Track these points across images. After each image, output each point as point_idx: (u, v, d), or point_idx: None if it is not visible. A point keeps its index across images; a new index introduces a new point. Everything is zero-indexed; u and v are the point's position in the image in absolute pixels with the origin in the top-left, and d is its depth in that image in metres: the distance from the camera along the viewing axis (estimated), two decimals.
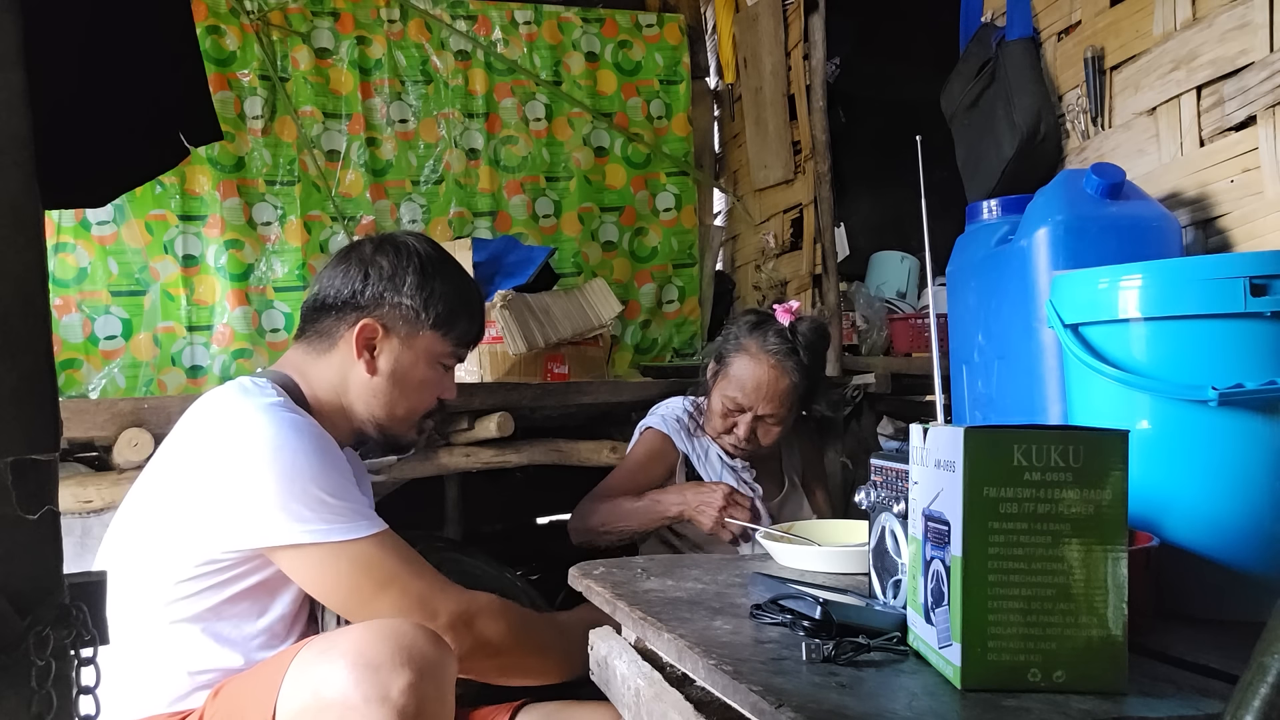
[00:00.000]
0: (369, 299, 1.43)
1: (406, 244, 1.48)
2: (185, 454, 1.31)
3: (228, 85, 2.85)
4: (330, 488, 1.26)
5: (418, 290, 1.44)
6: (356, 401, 1.45)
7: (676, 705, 1.03)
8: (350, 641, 1.10)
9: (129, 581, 1.29)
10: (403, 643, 1.09)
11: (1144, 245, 1.59)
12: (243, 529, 1.23)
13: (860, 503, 1.20)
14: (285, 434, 1.27)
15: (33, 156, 0.57)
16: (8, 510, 0.57)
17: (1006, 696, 0.80)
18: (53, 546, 0.61)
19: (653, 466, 2.11)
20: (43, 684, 0.59)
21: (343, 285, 1.44)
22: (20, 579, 0.59)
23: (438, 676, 1.10)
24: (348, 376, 1.44)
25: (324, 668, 1.09)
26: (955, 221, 2.02)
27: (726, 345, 2.08)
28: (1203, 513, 1.11)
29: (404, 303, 1.43)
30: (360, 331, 1.42)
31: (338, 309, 1.44)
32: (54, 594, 0.61)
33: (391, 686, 1.05)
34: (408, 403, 1.48)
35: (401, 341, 1.44)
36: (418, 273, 1.44)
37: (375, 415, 1.46)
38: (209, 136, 1.69)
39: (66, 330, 2.65)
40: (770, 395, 1.99)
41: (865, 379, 2.54)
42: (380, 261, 1.45)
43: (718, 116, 3.61)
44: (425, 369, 1.47)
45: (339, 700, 1.06)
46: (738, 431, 2.03)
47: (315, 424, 1.33)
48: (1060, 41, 2.10)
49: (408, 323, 1.44)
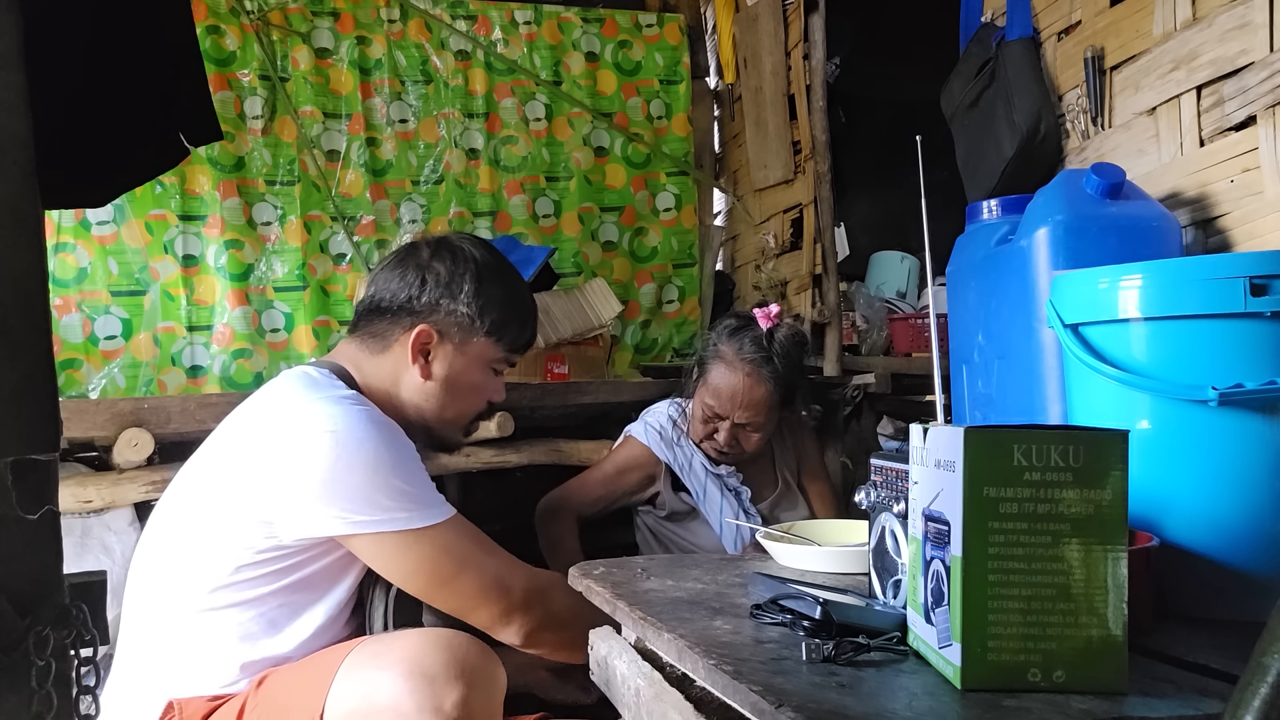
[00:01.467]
0: (425, 305, 1.45)
1: (463, 249, 1.50)
2: (252, 442, 1.33)
3: (228, 85, 2.85)
4: (408, 477, 1.30)
5: (474, 298, 1.46)
6: (408, 403, 1.47)
7: (676, 705, 1.03)
8: (405, 649, 1.12)
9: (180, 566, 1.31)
10: (457, 655, 1.11)
11: (1144, 245, 1.60)
12: (322, 518, 1.26)
13: (860, 503, 1.20)
14: (364, 427, 1.29)
15: (33, 156, 0.57)
16: (8, 510, 0.57)
17: (1006, 696, 0.80)
18: (53, 546, 0.61)
19: (628, 474, 2.12)
20: (43, 684, 0.59)
21: (399, 289, 1.46)
22: (20, 579, 0.59)
23: (489, 689, 1.13)
24: (400, 378, 1.47)
25: (378, 673, 1.11)
26: (955, 221, 2.02)
27: (706, 351, 2.09)
28: (1203, 513, 1.11)
29: (460, 309, 1.45)
30: (416, 337, 1.45)
31: (393, 312, 1.46)
32: (54, 594, 0.61)
33: (445, 699, 1.07)
34: (458, 406, 1.51)
35: (456, 347, 1.47)
36: (474, 280, 1.46)
37: (425, 417, 1.48)
38: (209, 136, 1.69)
39: (66, 330, 2.65)
40: (746, 404, 1.99)
41: (865, 379, 2.54)
42: (437, 267, 1.47)
43: (718, 116, 3.61)
44: (478, 374, 1.50)
45: (391, 707, 1.08)
46: (718, 438, 2.04)
47: (385, 415, 1.36)
48: (1060, 41, 2.10)
49: (462, 329, 1.46)
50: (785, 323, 2.08)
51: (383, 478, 1.27)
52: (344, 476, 1.26)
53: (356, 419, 1.30)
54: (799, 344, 2.07)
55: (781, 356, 2.01)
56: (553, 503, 2.09)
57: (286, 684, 1.21)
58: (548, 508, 2.08)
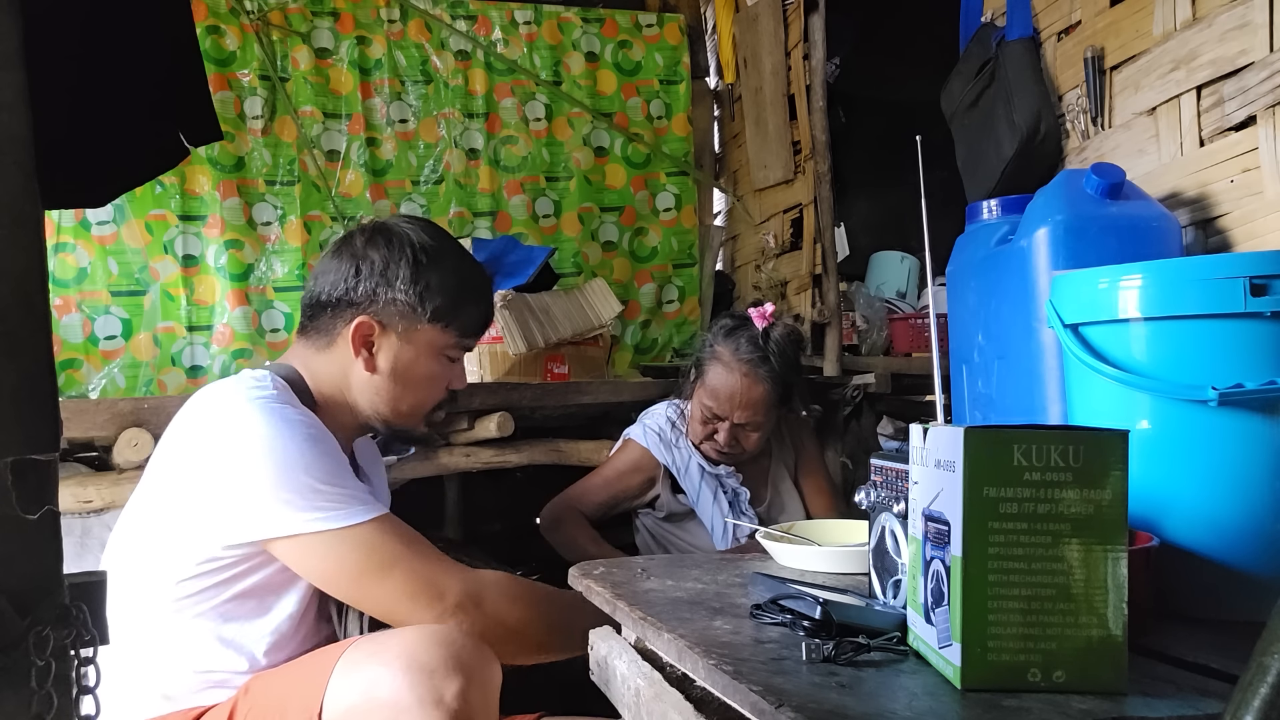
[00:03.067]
0: (363, 295, 1.38)
1: (399, 233, 1.42)
2: (181, 450, 1.30)
3: (228, 85, 2.85)
4: (324, 475, 1.25)
5: (412, 284, 1.38)
6: (360, 398, 1.42)
7: (676, 705, 1.03)
8: (402, 645, 1.11)
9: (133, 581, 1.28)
10: (453, 649, 1.10)
11: (1144, 245, 1.60)
12: (240, 523, 1.23)
13: (860, 503, 1.20)
14: (276, 426, 1.25)
15: (33, 156, 0.57)
16: (8, 510, 0.57)
17: (1006, 696, 0.80)
18: (53, 546, 0.61)
19: (629, 477, 2.12)
20: (42, 684, 0.59)
21: (336, 280, 1.40)
22: (20, 579, 0.59)
23: (486, 683, 1.12)
24: (349, 373, 1.41)
25: (375, 669, 1.10)
26: (955, 221, 2.02)
27: (703, 352, 2.09)
28: (1203, 513, 1.11)
29: (398, 298, 1.38)
30: (356, 330, 1.38)
31: (333, 306, 1.40)
32: (54, 594, 0.61)
33: (445, 690, 1.07)
34: (412, 398, 1.44)
35: (400, 337, 1.39)
36: (411, 265, 1.38)
37: (380, 411, 1.43)
38: (209, 136, 1.69)
39: (66, 330, 2.65)
40: (744, 404, 1.99)
41: (865, 379, 2.54)
42: (372, 255, 1.39)
43: (718, 116, 3.61)
44: (428, 363, 1.42)
45: (391, 701, 1.07)
46: (718, 439, 2.04)
47: (308, 415, 1.32)
48: (1060, 41, 2.10)
49: (404, 318, 1.39)
50: (780, 321, 2.08)
51: (293, 476, 1.22)
52: (255, 478, 1.22)
53: (268, 418, 1.25)
54: (795, 342, 2.07)
55: (778, 355, 2.01)
56: (557, 510, 2.08)
57: (279, 685, 1.19)
58: (553, 516, 2.07)
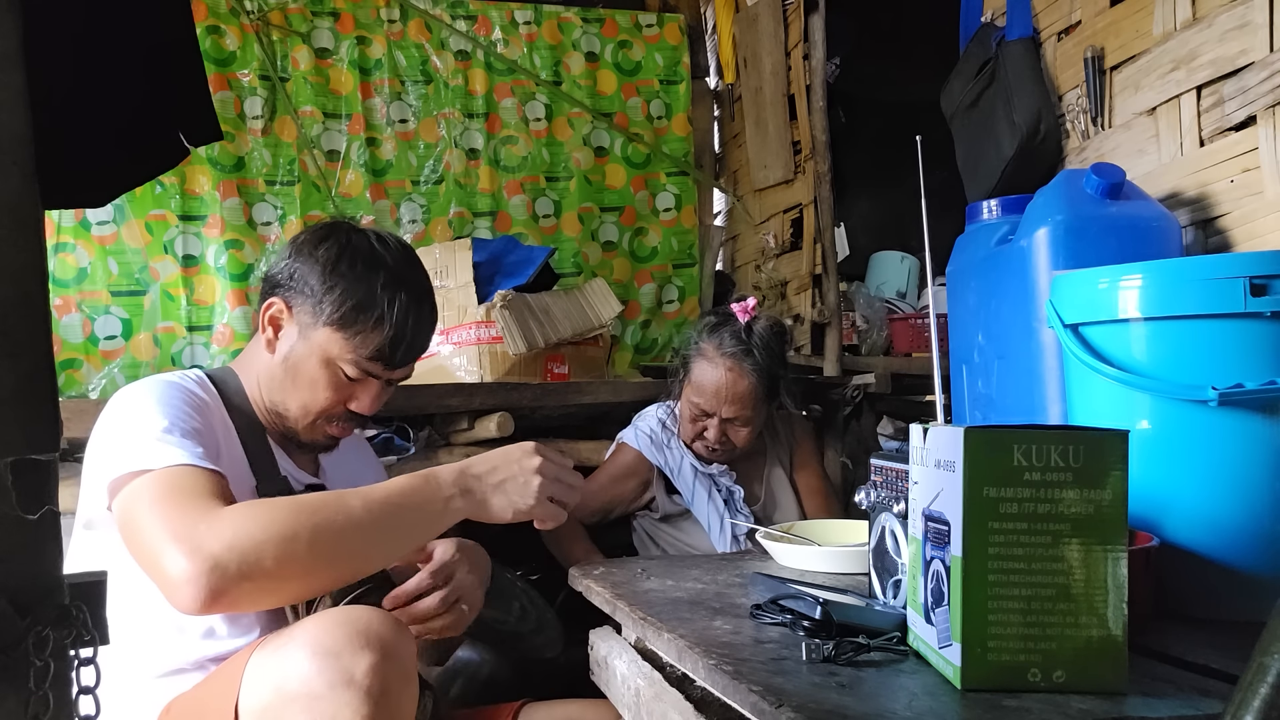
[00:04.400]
0: (283, 276, 1.36)
1: (351, 237, 1.38)
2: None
3: (228, 85, 2.85)
4: (146, 424, 1.18)
5: (323, 278, 1.33)
6: (261, 382, 1.38)
7: (676, 705, 1.03)
8: (306, 632, 1.06)
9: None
10: (359, 626, 1.05)
11: (1144, 245, 1.60)
12: (96, 485, 1.20)
13: (860, 503, 1.20)
14: (124, 391, 1.25)
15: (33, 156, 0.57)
16: (8, 510, 0.57)
17: (1006, 696, 0.80)
18: (53, 546, 0.61)
19: (624, 481, 2.12)
20: (41, 684, 0.59)
21: (274, 263, 1.40)
22: (20, 579, 0.58)
23: (399, 656, 1.06)
24: (260, 355, 1.38)
25: (283, 662, 1.06)
26: (955, 221, 2.02)
27: (689, 349, 2.09)
28: (1203, 513, 1.11)
29: (307, 288, 1.34)
30: (267, 306, 1.36)
31: (264, 288, 1.40)
32: (54, 594, 0.61)
33: (355, 669, 1.02)
34: (299, 397, 1.36)
35: (300, 330, 1.35)
36: (332, 261, 1.34)
37: (270, 400, 1.37)
38: (209, 136, 1.69)
39: (66, 330, 2.65)
40: (731, 398, 1.99)
41: (865, 379, 2.54)
42: (305, 243, 1.38)
43: (718, 116, 3.61)
44: (317, 367, 1.35)
45: (303, 691, 1.03)
46: (707, 436, 2.03)
47: (181, 387, 1.28)
48: (1060, 41, 2.10)
49: (306, 311, 1.35)
50: (763, 315, 2.08)
51: (121, 430, 1.19)
52: (103, 441, 1.21)
53: (131, 389, 1.25)
54: (778, 335, 2.07)
55: (762, 348, 2.00)
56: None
57: (195, 699, 1.17)
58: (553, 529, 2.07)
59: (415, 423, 2.19)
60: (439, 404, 2.16)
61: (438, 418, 2.23)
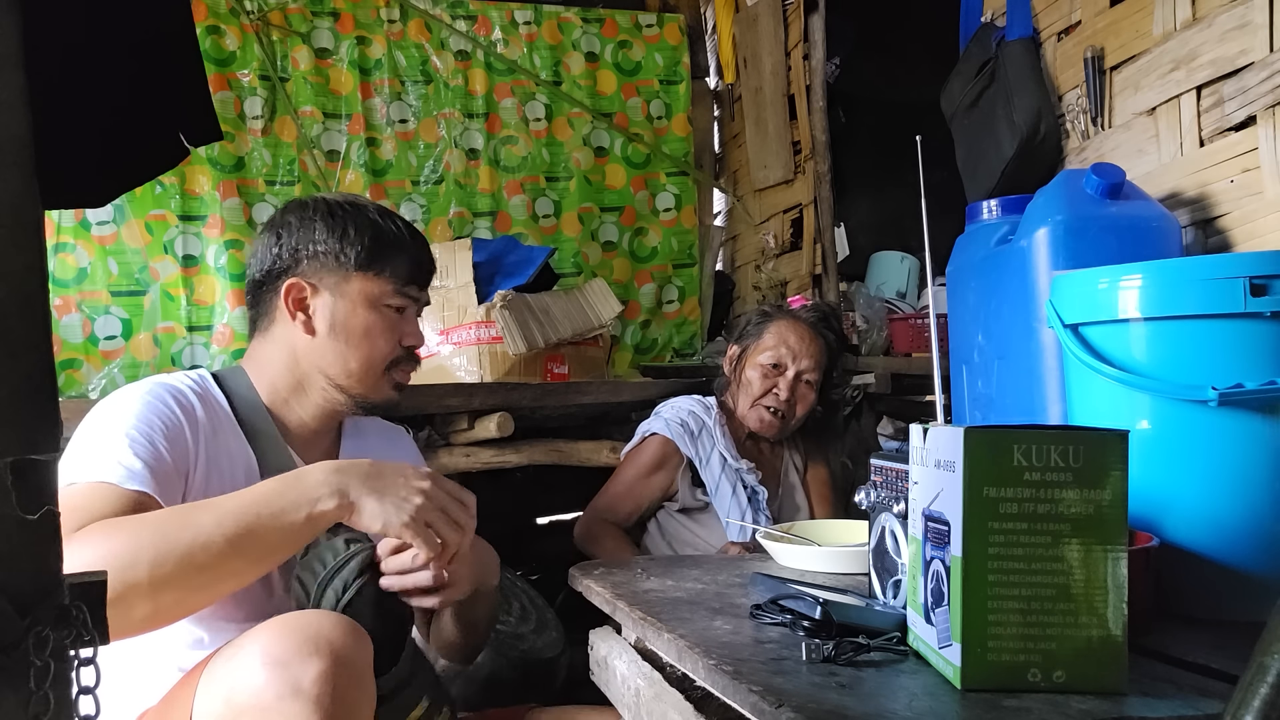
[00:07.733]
0: (287, 258, 1.36)
1: (313, 198, 1.42)
2: None
3: (228, 85, 2.85)
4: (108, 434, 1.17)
5: (329, 233, 1.35)
6: (311, 371, 1.37)
7: (676, 705, 1.03)
8: (255, 642, 1.04)
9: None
10: (308, 633, 1.03)
11: (1144, 245, 1.60)
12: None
13: (860, 503, 1.20)
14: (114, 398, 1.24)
15: (33, 156, 0.57)
16: (8, 510, 0.57)
17: (1006, 696, 0.80)
18: (53, 546, 0.61)
19: (654, 475, 2.11)
20: (41, 685, 0.59)
21: (263, 256, 1.39)
22: (20, 579, 0.58)
23: (351, 661, 1.04)
24: (295, 347, 1.37)
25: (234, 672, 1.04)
26: (955, 221, 2.02)
27: (748, 329, 2.20)
28: (1203, 513, 1.11)
29: (319, 250, 1.35)
30: (287, 293, 1.35)
31: (266, 282, 1.38)
32: (54, 594, 0.61)
33: (303, 678, 1.00)
34: (359, 354, 1.37)
35: (332, 292, 1.36)
36: (327, 217, 1.36)
37: (332, 377, 1.37)
38: (209, 136, 1.69)
39: (66, 330, 2.65)
40: (810, 351, 2.12)
41: (865, 379, 2.54)
42: (288, 219, 1.39)
43: (718, 116, 3.61)
44: (367, 314, 1.37)
45: (252, 704, 1.01)
46: (778, 392, 2.11)
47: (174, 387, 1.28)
48: (1060, 41, 2.10)
49: (331, 271, 1.36)
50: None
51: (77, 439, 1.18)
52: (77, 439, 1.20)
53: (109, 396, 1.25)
54: (840, 319, 2.29)
55: (835, 320, 2.23)
56: (589, 526, 2.07)
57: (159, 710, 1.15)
58: (587, 534, 2.06)
59: (415, 423, 2.19)
60: (439, 404, 2.16)
61: (438, 418, 2.23)
